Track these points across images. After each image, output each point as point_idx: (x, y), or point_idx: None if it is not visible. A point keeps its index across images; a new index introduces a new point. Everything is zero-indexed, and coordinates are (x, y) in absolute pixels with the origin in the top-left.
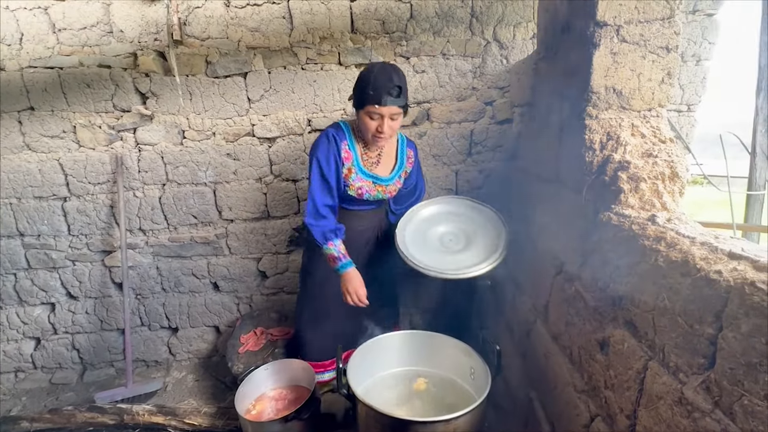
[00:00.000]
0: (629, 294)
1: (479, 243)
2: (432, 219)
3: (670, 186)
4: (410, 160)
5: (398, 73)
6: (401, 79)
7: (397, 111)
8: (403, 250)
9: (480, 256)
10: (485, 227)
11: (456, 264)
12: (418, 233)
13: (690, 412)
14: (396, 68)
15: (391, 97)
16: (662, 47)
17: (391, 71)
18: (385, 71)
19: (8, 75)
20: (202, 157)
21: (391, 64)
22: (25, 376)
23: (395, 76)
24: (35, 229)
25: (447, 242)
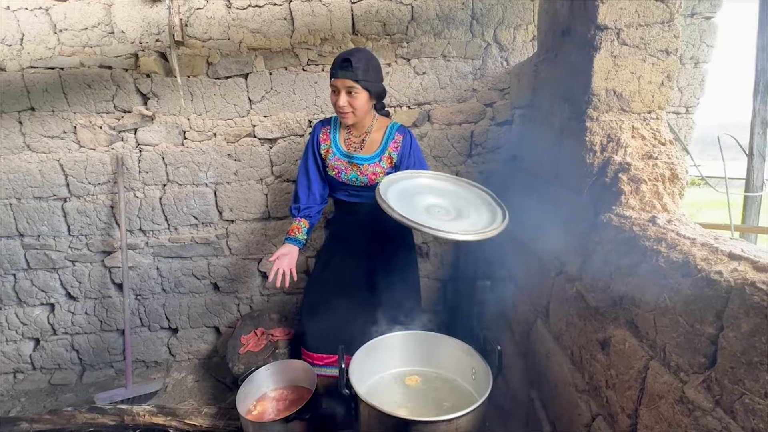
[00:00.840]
0: (630, 294)
1: (472, 218)
2: (419, 189)
3: (671, 187)
4: (396, 144)
5: (358, 52)
6: (358, 57)
7: (352, 84)
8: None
9: (474, 227)
10: (478, 207)
11: (448, 228)
12: (403, 196)
13: (691, 411)
14: (357, 49)
15: (342, 71)
16: (662, 50)
17: (355, 51)
18: (349, 50)
19: (9, 75)
20: (202, 158)
21: (364, 49)
22: (24, 377)
23: (350, 53)
24: (35, 229)
25: (435, 212)
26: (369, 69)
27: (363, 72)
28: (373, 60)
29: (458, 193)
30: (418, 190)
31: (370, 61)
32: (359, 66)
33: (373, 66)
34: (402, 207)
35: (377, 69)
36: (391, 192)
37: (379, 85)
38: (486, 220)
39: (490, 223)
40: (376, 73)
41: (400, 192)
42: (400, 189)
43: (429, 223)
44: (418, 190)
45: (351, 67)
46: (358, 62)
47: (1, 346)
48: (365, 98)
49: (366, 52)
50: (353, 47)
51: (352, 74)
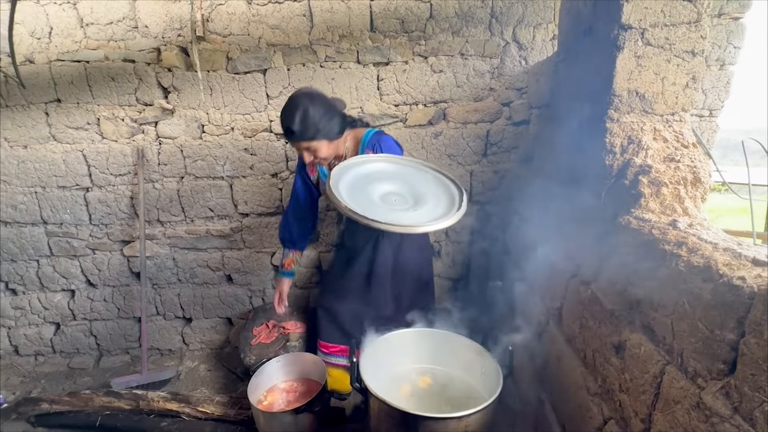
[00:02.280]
0: (647, 298)
1: (430, 204)
2: (373, 175)
3: (692, 191)
4: None
5: (297, 112)
6: (297, 120)
7: (306, 145)
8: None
9: (433, 214)
10: (436, 192)
11: (407, 220)
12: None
13: (708, 417)
14: (295, 106)
15: (290, 137)
16: (688, 51)
17: (288, 112)
18: (284, 111)
19: (37, 68)
20: (220, 152)
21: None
22: (45, 360)
23: (289, 119)
24: (58, 217)
25: (392, 202)
26: (314, 123)
27: (309, 131)
28: (314, 110)
29: (414, 176)
30: (372, 177)
31: (311, 116)
32: (302, 128)
33: (317, 116)
34: (356, 199)
35: (323, 114)
36: (344, 182)
37: (332, 126)
38: (445, 205)
39: (449, 208)
40: (325, 120)
41: (353, 181)
42: (353, 177)
43: (386, 217)
44: (373, 177)
45: (294, 134)
46: (299, 125)
47: (24, 329)
48: (326, 145)
49: (303, 108)
50: (290, 102)
51: (299, 138)
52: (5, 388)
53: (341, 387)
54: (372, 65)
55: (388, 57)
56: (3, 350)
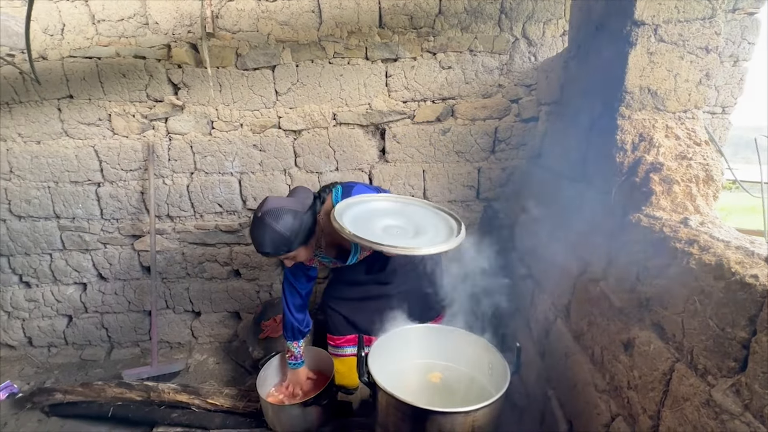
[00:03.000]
0: (657, 296)
1: (430, 233)
2: (374, 212)
3: (704, 189)
4: None
5: (266, 236)
6: (271, 243)
7: (284, 257)
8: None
9: (432, 241)
10: (435, 224)
11: (408, 244)
12: (359, 221)
13: (718, 414)
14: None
15: (269, 257)
16: (701, 48)
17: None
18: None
19: (50, 64)
20: (229, 148)
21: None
22: (58, 351)
23: (261, 245)
24: (70, 212)
25: (394, 233)
26: (285, 238)
27: (283, 247)
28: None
29: (414, 212)
30: (374, 213)
31: (281, 234)
32: (276, 248)
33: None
34: (360, 230)
35: (292, 225)
36: (348, 216)
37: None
38: (444, 234)
39: (448, 237)
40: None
41: (356, 216)
42: (357, 212)
43: (387, 242)
44: (375, 213)
45: (271, 255)
46: (272, 247)
47: (38, 321)
48: (302, 250)
49: (270, 229)
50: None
51: (275, 255)
52: (20, 378)
53: (349, 382)
54: (380, 61)
55: (397, 53)
56: (17, 341)
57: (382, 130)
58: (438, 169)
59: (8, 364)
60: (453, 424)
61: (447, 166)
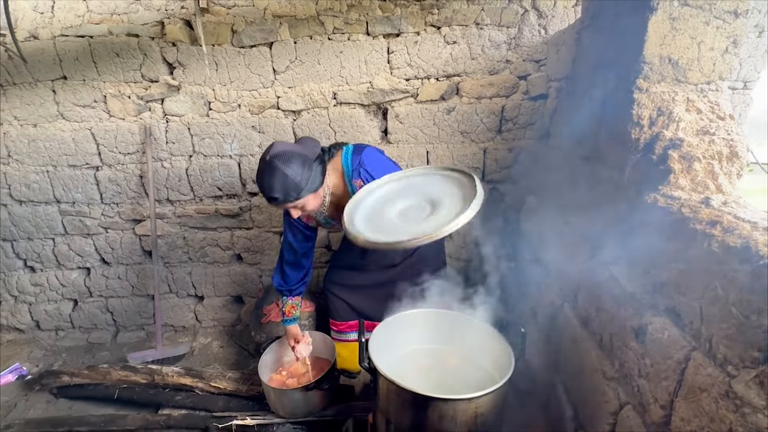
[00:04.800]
0: (674, 280)
1: (446, 203)
2: (383, 200)
3: (728, 167)
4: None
5: (275, 179)
6: (280, 187)
7: (293, 204)
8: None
9: (454, 211)
10: (447, 188)
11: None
12: (372, 216)
13: (739, 407)
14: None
15: (274, 204)
16: (730, 12)
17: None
18: (261, 180)
19: (42, 44)
20: (227, 129)
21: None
22: (65, 335)
23: (269, 189)
24: (70, 196)
25: (411, 216)
26: (295, 183)
27: (292, 193)
28: (292, 170)
29: (421, 183)
30: (383, 200)
31: (290, 178)
32: (284, 194)
33: (296, 176)
34: (377, 225)
35: (302, 170)
36: (359, 216)
37: (313, 178)
38: (459, 198)
39: (465, 199)
40: (305, 175)
41: (367, 212)
42: (366, 208)
43: (411, 233)
44: (384, 200)
45: (280, 201)
46: (281, 192)
47: (44, 305)
48: (312, 198)
49: (280, 173)
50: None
51: (284, 203)
52: (29, 360)
53: (351, 366)
54: (382, 37)
55: (399, 28)
56: (25, 325)
57: (384, 109)
58: (442, 150)
59: (17, 347)
60: (455, 411)
61: (451, 147)
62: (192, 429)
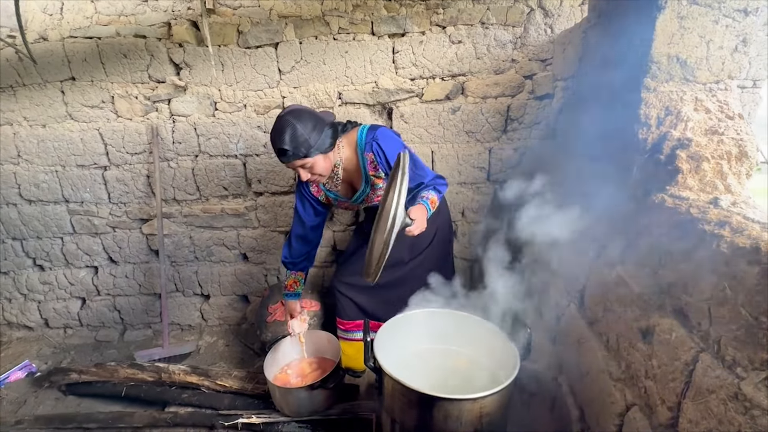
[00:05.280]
0: (681, 281)
1: None
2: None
3: (737, 167)
4: (373, 164)
5: (286, 132)
6: (290, 139)
7: (302, 163)
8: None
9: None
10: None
11: None
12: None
13: (748, 409)
14: (284, 126)
15: (284, 158)
16: (740, 10)
17: (278, 132)
18: (273, 132)
19: (51, 45)
20: (233, 129)
21: (283, 120)
22: (73, 332)
23: (280, 140)
24: (78, 196)
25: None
26: (305, 139)
27: (302, 148)
28: (303, 126)
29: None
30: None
31: (300, 133)
32: (294, 147)
33: (307, 132)
34: None
35: (313, 128)
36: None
37: (324, 138)
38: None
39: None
40: (315, 134)
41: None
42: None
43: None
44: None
45: (288, 154)
46: (291, 144)
47: (53, 303)
48: (321, 160)
49: (291, 126)
50: (277, 123)
51: (293, 156)
52: (38, 358)
53: (356, 365)
54: (387, 37)
55: (404, 27)
56: (35, 323)
57: (389, 109)
58: (447, 149)
59: (27, 345)
60: (460, 411)
61: (456, 146)
62: (198, 427)
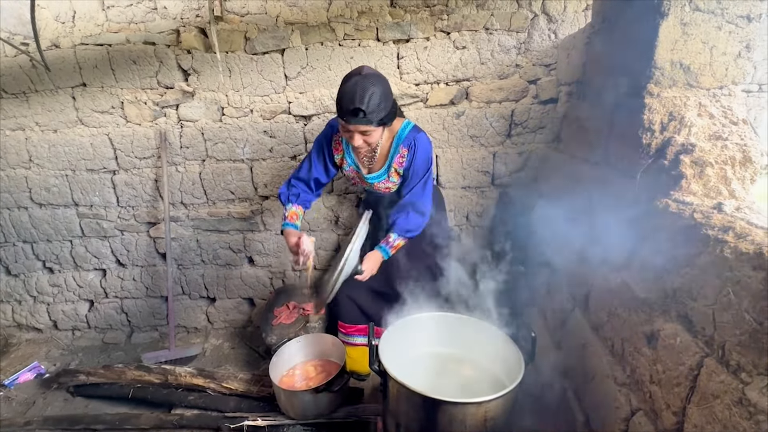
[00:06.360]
0: (686, 286)
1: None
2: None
3: (741, 172)
4: (401, 158)
5: (367, 92)
6: (370, 101)
7: (366, 129)
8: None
9: None
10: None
11: None
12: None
13: (752, 414)
14: (366, 86)
15: (355, 118)
16: (742, 16)
17: (359, 91)
18: (352, 89)
19: (63, 52)
20: (239, 134)
21: (366, 79)
22: (81, 335)
23: (358, 98)
24: (88, 199)
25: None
26: (382, 107)
27: (375, 115)
28: (382, 90)
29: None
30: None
31: (380, 96)
32: (371, 112)
33: (383, 98)
34: None
35: (387, 95)
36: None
37: (391, 113)
38: None
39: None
40: (386, 102)
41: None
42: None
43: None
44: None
45: (364, 116)
46: (369, 105)
47: (61, 305)
48: (379, 132)
49: (373, 90)
50: (360, 75)
51: (365, 120)
52: (47, 359)
53: (360, 368)
54: (392, 42)
55: (409, 33)
56: (43, 325)
57: None
58: (452, 154)
59: (36, 346)
60: (465, 415)
61: (461, 151)
62: (204, 429)
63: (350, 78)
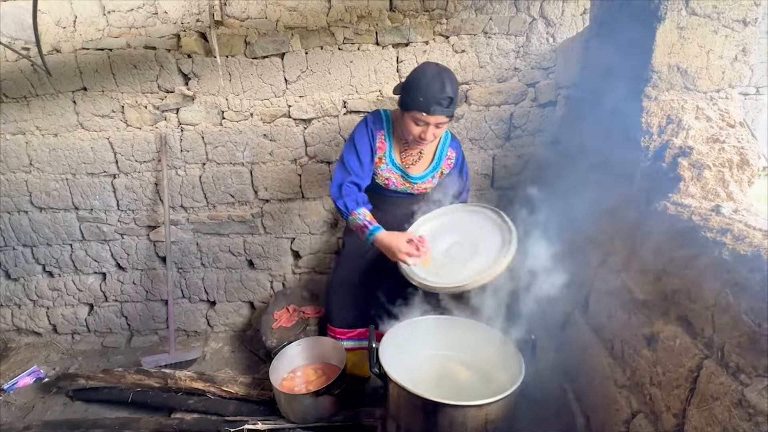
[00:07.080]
0: (684, 288)
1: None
2: (431, 236)
3: (738, 174)
4: (449, 161)
5: (452, 81)
6: (454, 89)
7: (444, 120)
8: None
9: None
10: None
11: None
12: None
13: (752, 416)
14: (450, 76)
15: (441, 107)
16: (738, 20)
17: (445, 80)
18: (438, 79)
19: (63, 57)
20: (239, 138)
21: (446, 70)
22: (81, 338)
23: (449, 86)
24: (88, 203)
25: (454, 254)
26: (456, 97)
27: (455, 105)
28: (457, 85)
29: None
30: (431, 235)
31: (458, 89)
32: (452, 101)
33: (458, 93)
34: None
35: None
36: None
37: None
38: (497, 243)
39: (502, 245)
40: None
41: None
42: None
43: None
44: (432, 236)
45: (452, 104)
46: (455, 95)
47: (61, 309)
48: (446, 125)
49: (453, 77)
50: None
51: (448, 111)
52: (46, 363)
53: (360, 371)
54: (391, 46)
55: (408, 37)
56: (43, 329)
57: None
58: None
59: (35, 350)
60: (465, 418)
61: None
62: None
63: (427, 69)
